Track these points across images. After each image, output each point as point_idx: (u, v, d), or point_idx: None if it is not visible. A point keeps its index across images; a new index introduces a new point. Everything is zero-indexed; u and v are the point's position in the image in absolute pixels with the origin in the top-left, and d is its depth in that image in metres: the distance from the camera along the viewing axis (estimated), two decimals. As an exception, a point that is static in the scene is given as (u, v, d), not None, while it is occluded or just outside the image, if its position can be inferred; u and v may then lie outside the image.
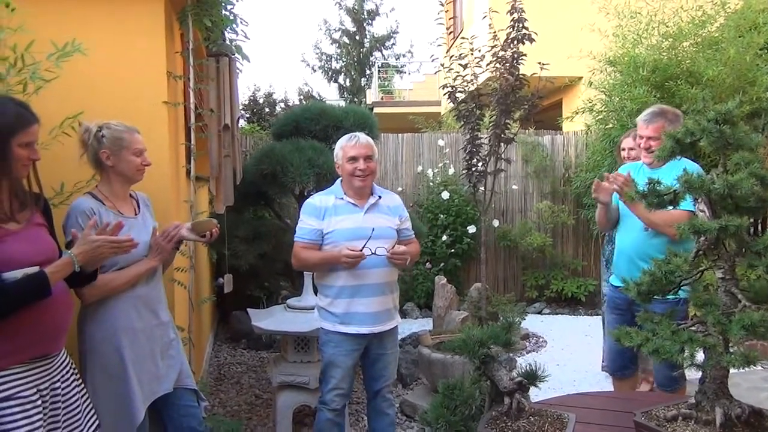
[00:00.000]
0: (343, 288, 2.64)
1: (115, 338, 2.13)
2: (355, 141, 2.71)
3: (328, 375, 2.71)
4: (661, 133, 2.68)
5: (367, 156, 2.68)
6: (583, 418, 1.95)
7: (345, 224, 2.66)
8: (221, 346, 5.48)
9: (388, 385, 2.84)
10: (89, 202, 2.14)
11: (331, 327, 2.69)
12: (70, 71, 2.29)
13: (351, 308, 2.64)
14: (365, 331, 2.66)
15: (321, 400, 2.75)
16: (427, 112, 12.26)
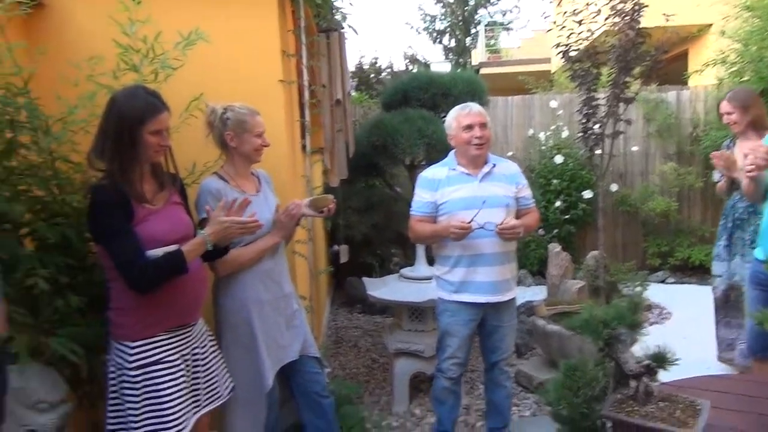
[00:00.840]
0: (460, 257, 2.63)
1: (245, 309, 2.28)
2: (468, 110, 2.67)
3: (444, 344, 2.73)
4: None
5: (482, 123, 2.64)
6: (717, 403, 1.84)
7: (459, 194, 2.64)
8: (338, 310, 5.72)
9: (505, 358, 2.82)
10: (215, 182, 2.28)
11: (447, 296, 2.70)
12: (192, 56, 2.41)
13: (468, 277, 2.63)
14: (482, 300, 2.65)
15: (438, 367, 2.79)
16: (537, 71, 11.75)
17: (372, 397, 3.63)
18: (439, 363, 2.78)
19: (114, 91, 1.99)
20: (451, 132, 2.71)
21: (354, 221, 3.92)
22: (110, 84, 2.21)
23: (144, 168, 1.97)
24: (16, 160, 2.07)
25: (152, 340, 1.93)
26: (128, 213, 1.87)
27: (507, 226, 2.53)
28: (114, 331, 1.96)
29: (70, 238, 2.13)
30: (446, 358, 2.73)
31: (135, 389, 1.90)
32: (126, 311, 1.92)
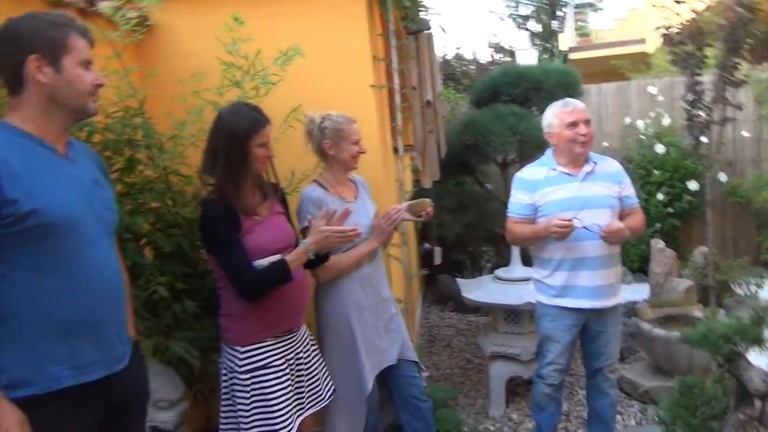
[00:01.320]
0: (563, 260, 2.53)
1: (345, 314, 2.34)
2: (572, 107, 2.55)
3: (545, 349, 2.66)
4: None
5: (586, 120, 2.53)
6: None
7: (559, 195, 2.53)
8: (429, 308, 5.73)
9: (609, 364, 2.69)
10: (316, 190, 2.34)
11: (547, 300, 2.61)
12: (289, 69, 2.50)
13: (570, 281, 2.53)
14: (586, 306, 2.54)
15: (538, 373, 2.73)
16: (631, 53, 11.11)
17: (467, 400, 3.61)
18: (540, 368, 2.71)
19: (219, 109, 2.10)
20: (551, 130, 2.60)
21: (447, 221, 3.90)
22: (215, 100, 2.32)
23: (248, 182, 2.05)
24: (135, 176, 2.23)
25: (260, 345, 2.02)
26: (236, 225, 1.96)
27: (612, 230, 2.41)
28: (225, 335, 2.07)
29: (184, 247, 2.28)
30: (547, 363, 2.66)
31: (245, 392, 2.01)
32: (235, 318, 2.02)
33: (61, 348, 1.41)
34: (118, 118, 2.18)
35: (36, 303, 1.38)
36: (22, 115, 1.43)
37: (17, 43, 1.40)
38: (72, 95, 1.45)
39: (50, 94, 1.43)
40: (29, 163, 1.39)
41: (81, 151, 1.60)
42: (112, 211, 1.60)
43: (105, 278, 1.51)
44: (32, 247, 1.37)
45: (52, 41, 1.41)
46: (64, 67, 1.43)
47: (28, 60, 1.39)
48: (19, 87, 1.42)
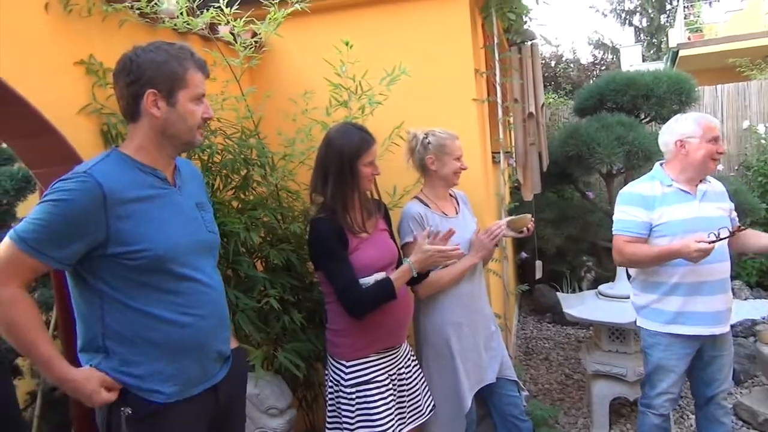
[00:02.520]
0: (678, 284, 2.38)
1: (444, 331, 2.35)
2: (712, 121, 2.42)
3: (657, 379, 2.50)
4: None
5: (719, 137, 2.43)
6: None
7: (680, 214, 2.37)
8: (526, 318, 5.61)
9: (723, 390, 2.52)
10: (417, 206, 2.38)
11: (659, 328, 2.44)
12: (393, 87, 2.55)
13: (686, 307, 2.37)
14: (705, 333, 2.38)
15: (646, 402, 2.56)
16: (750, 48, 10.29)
17: (568, 418, 3.50)
18: (649, 398, 2.55)
19: (328, 128, 2.19)
20: (691, 140, 2.40)
21: (547, 234, 3.81)
22: (323, 120, 2.42)
23: (356, 200, 2.12)
24: (249, 193, 2.37)
25: (364, 361, 2.09)
26: (344, 243, 2.03)
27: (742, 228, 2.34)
28: (331, 349, 2.15)
29: (292, 260, 2.39)
30: (659, 394, 2.50)
31: (350, 405, 2.07)
32: (342, 332, 2.10)
33: (169, 368, 1.50)
34: (236, 139, 2.33)
35: (146, 330, 1.47)
36: (137, 144, 1.52)
37: (138, 75, 1.47)
38: (182, 129, 1.53)
39: (162, 127, 1.51)
40: (140, 196, 1.46)
41: (186, 173, 1.68)
42: (214, 233, 1.68)
43: (209, 301, 1.58)
44: (142, 278, 1.45)
45: (171, 76, 1.48)
46: (178, 102, 1.50)
47: (147, 93, 1.47)
48: (135, 117, 1.51)
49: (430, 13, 2.85)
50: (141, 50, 1.50)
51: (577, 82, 7.84)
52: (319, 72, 2.53)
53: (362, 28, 2.83)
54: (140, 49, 1.51)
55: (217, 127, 2.31)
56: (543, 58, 9.71)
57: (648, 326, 2.49)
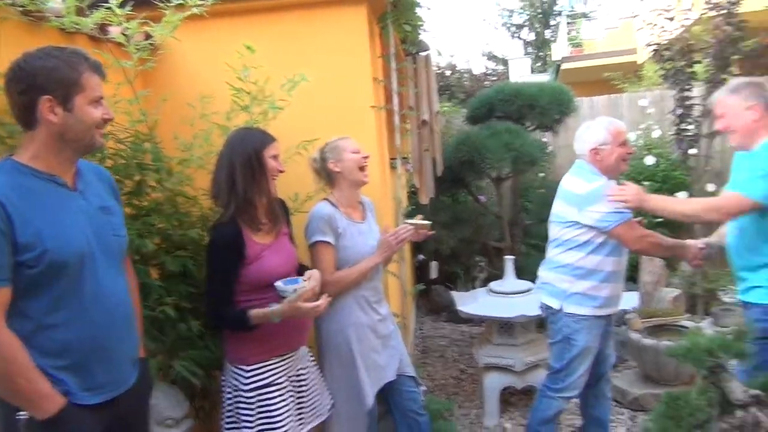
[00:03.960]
0: (613, 272, 2.62)
1: (345, 332, 2.41)
2: (620, 126, 2.65)
3: (578, 363, 2.67)
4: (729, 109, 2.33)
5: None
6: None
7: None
8: (423, 318, 5.82)
9: (611, 366, 2.87)
10: (327, 207, 2.42)
11: (589, 312, 2.63)
12: (294, 94, 2.59)
13: (614, 291, 2.66)
14: (615, 311, 2.73)
15: (559, 388, 2.72)
16: (622, 63, 11.27)
17: (462, 410, 3.69)
18: (566, 383, 2.70)
19: (228, 132, 2.21)
20: (604, 147, 2.60)
21: (442, 235, 4.00)
22: (224, 124, 2.41)
23: (263, 200, 2.13)
24: (144, 199, 2.31)
25: (265, 364, 2.11)
26: (240, 254, 2.04)
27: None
28: (231, 354, 2.16)
29: (189, 267, 2.36)
30: (581, 375, 2.69)
31: (250, 409, 2.09)
32: (243, 338, 2.10)
33: (76, 372, 1.49)
34: (129, 143, 2.27)
35: (51, 335, 1.45)
36: (33, 152, 1.48)
37: (31, 83, 1.43)
38: (81, 132, 1.50)
39: (61, 132, 1.47)
40: (38, 203, 1.44)
41: (90, 176, 1.65)
42: (120, 236, 1.66)
43: (114, 305, 1.58)
44: (44, 284, 1.43)
45: (66, 82, 1.45)
46: (75, 106, 1.47)
47: (41, 100, 1.43)
48: (30, 124, 1.47)
49: (330, 22, 2.92)
50: (30, 57, 1.47)
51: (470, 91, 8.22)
52: (219, 77, 2.51)
53: (264, 35, 2.84)
54: (29, 55, 1.47)
55: (108, 131, 2.23)
56: (439, 69, 10.08)
57: (577, 311, 2.64)
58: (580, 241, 2.62)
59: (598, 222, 2.55)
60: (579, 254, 2.63)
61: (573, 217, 2.62)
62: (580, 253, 2.62)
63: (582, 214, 2.58)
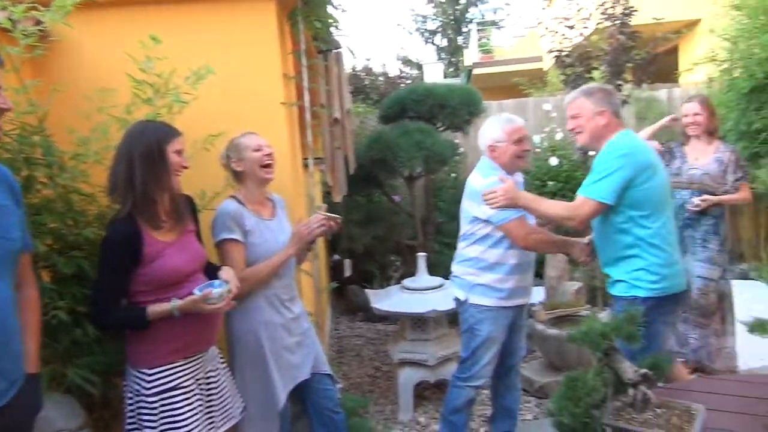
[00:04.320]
0: (517, 265, 2.68)
1: (255, 332, 2.36)
2: (517, 123, 2.73)
3: (482, 352, 2.74)
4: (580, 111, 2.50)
5: (528, 137, 2.77)
6: (711, 405, 1.92)
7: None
8: (339, 318, 5.80)
9: (521, 357, 2.97)
10: (234, 205, 2.36)
11: (493, 303, 2.70)
12: (201, 87, 2.51)
13: (519, 283, 2.72)
14: (522, 303, 2.79)
15: (466, 377, 2.78)
16: (530, 69, 11.83)
17: (377, 407, 3.71)
18: (472, 372, 2.77)
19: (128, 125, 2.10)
20: (498, 144, 2.70)
21: (356, 234, 4.01)
22: (123, 117, 2.29)
23: (165, 196, 2.04)
24: (34, 197, 2.15)
25: (169, 367, 2.02)
26: (136, 253, 1.94)
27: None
28: (132, 357, 2.05)
29: (85, 268, 2.21)
30: (485, 365, 2.75)
31: (153, 414, 1.99)
32: (146, 339, 2.00)
33: None
34: (15, 136, 2.10)
35: None
36: None
37: None
38: None
39: None
40: None
41: None
42: (7, 239, 1.52)
43: None
44: None
45: None
46: None
47: None
48: None
49: (239, 16, 2.85)
50: None
51: (385, 93, 8.31)
52: (119, 68, 2.38)
53: (170, 26, 2.73)
54: None
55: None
56: (354, 71, 10.12)
57: (482, 302, 2.72)
58: (481, 235, 2.71)
59: (490, 217, 2.63)
60: (481, 247, 2.71)
61: (474, 211, 2.71)
62: (482, 246, 2.71)
63: (480, 209, 2.65)
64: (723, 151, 3.61)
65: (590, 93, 2.53)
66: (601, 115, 2.48)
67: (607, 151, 2.44)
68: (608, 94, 2.56)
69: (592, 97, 2.51)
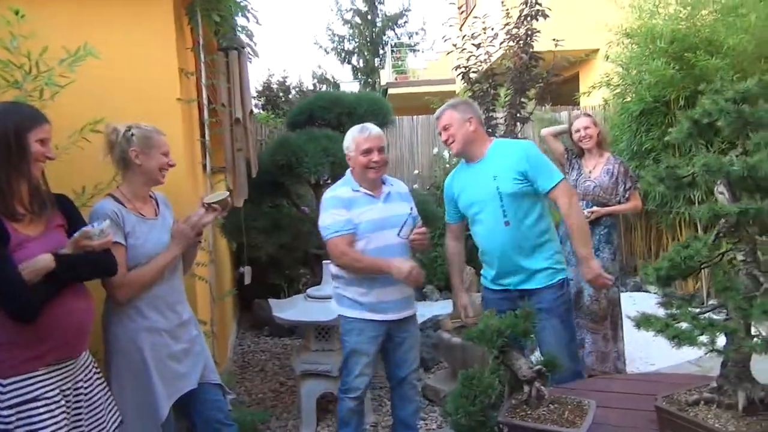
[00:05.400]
0: (375, 279, 2.64)
1: (138, 339, 2.17)
2: (367, 133, 2.70)
3: (352, 362, 2.71)
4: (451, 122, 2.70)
5: (380, 148, 2.69)
6: (604, 402, 1.95)
7: (368, 216, 2.65)
8: (244, 333, 5.57)
9: (412, 371, 2.86)
10: (111, 204, 2.17)
11: (357, 315, 2.69)
12: (84, 74, 2.33)
13: (381, 297, 2.66)
14: (391, 317, 2.70)
15: (344, 389, 2.76)
16: (442, 91, 12.13)
17: (279, 422, 3.54)
18: (347, 384, 2.74)
19: None
20: (349, 153, 2.74)
21: (260, 241, 3.85)
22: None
23: (23, 186, 1.84)
24: None
25: (28, 376, 1.79)
26: (4, 237, 1.74)
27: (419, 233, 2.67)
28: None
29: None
30: (356, 376, 2.71)
31: (8, 430, 1.75)
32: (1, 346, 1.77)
33: None
34: None
35: None
36: None
37: None
38: None
39: None
40: None
41: None
42: None
43: None
44: None
45: None
46: None
47: None
48: None
49: (131, 7, 2.69)
50: None
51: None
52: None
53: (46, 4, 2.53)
54: None
55: None
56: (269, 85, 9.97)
57: (347, 314, 2.72)
58: None
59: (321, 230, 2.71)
60: None
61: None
62: None
63: (320, 221, 2.74)
64: (612, 163, 3.81)
65: (455, 106, 2.77)
66: (469, 121, 2.69)
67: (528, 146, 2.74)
68: (471, 104, 2.84)
69: (457, 109, 2.73)
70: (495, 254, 2.73)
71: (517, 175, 2.61)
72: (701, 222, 3.33)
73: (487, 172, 2.67)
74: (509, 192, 2.62)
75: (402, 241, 2.67)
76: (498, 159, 2.69)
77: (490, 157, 2.72)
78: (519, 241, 2.64)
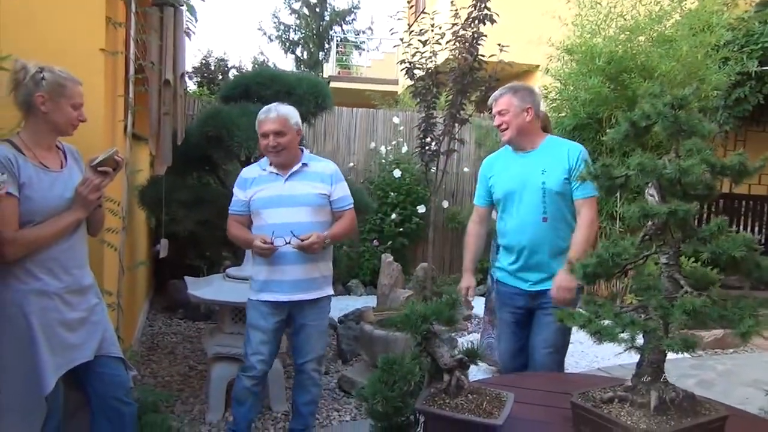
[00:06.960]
0: (270, 259, 2.60)
1: (25, 302, 1.94)
2: (265, 116, 2.64)
3: (247, 338, 2.71)
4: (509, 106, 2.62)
5: (276, 132, 2.61)
6: (522, 398, 1.94)
7: (264, 193, 2.65)
8: (156, 315, 5.29)
9: (310, 360, 2.76)
10: (6, 151, 1.94)
11: (253, 295, 2.70)
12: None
13: (271, 276, 2.63)
14: (283, 299, 2.65)
15: (243, 367, 2.73)
16: (384, 90, 12.13)
17: (185, 407, 3.35)
18: (246, 360, 2.71)
19: None
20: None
21: (180, 215, 3.62)
22: None
23: None
24: None
25: None
26: None
27: (306, 244, 2.55)
28: None
29: None
30: (252, 353, 2.67)
31: None
32: None
33: None
34: None
35: None
36: None
37: None
38: None
39: None
40: None
41: None
42: None
43: None
44: None
45: None
46: None
47: None
48: None
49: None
50: None
51: (233, 83, 7.98)
52: None
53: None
54: None
55: None
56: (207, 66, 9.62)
57: (249, 294, 2.74)
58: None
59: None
60: None
61: None
62: None
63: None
64: None
65: (515, 91, 2.64)
66: (526, 111, 2.60)
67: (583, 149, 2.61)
68: (532, 92, 2.69)
69: (518, 95, 2.62)
70: (524, 247, 2.65)
71: (567, 174, 2.58)
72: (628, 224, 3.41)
73: (536, 165, 2.62)
74: (555, 190, 2.58)
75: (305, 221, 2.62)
76: (550, 155, 2.62)
77: (542, 151, 2.64)
78: (551, 239, 2.60)
